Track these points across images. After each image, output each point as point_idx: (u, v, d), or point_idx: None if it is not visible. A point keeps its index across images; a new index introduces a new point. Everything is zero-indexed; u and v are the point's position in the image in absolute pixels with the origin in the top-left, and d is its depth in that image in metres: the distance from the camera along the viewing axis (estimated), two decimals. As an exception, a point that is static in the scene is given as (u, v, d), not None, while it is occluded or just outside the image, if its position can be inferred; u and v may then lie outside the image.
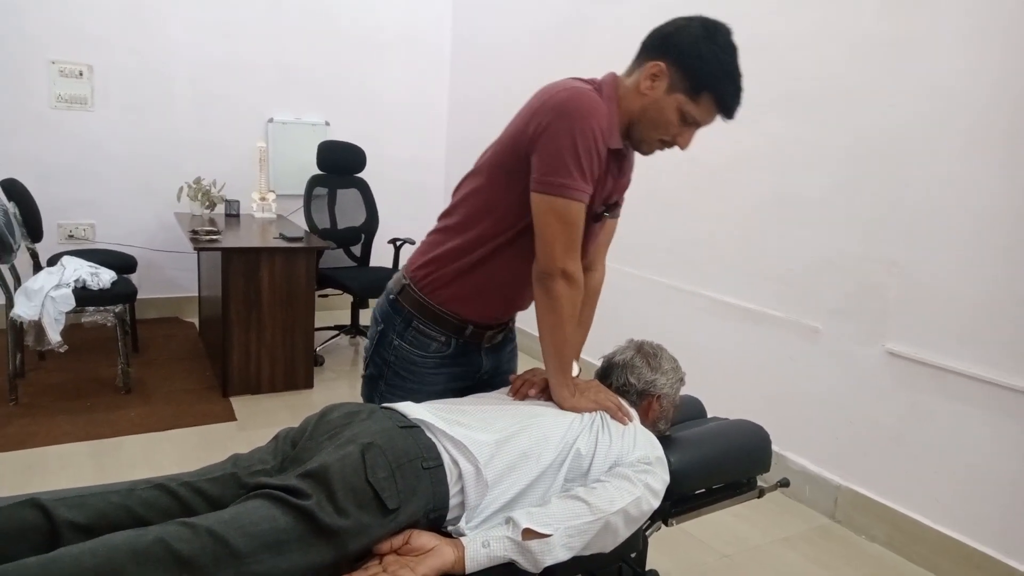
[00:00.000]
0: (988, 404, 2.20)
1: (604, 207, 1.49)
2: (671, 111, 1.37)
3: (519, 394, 1.49)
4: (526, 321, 1.55)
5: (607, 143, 1.37)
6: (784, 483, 1.78)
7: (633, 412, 1.50)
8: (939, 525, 2.34)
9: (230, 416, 3.19)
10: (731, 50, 1.34)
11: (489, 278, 1.49)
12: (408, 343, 1.55)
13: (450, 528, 1.22)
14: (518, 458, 1.26)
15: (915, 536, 2.39)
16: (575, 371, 1.52)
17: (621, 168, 1.49)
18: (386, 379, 1.58)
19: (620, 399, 1.49)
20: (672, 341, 1.69)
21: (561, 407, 1.43)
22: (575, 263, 1.39)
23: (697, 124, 1.39)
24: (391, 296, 1.59)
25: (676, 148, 1.44)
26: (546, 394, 1.48)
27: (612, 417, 1.42)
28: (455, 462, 1.21)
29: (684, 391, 1.65)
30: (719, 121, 1.40)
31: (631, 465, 1.34)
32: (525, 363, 1.70)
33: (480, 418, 1.31)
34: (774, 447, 1.75)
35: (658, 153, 1.47)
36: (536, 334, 1.45)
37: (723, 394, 2.29)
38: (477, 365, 1.62)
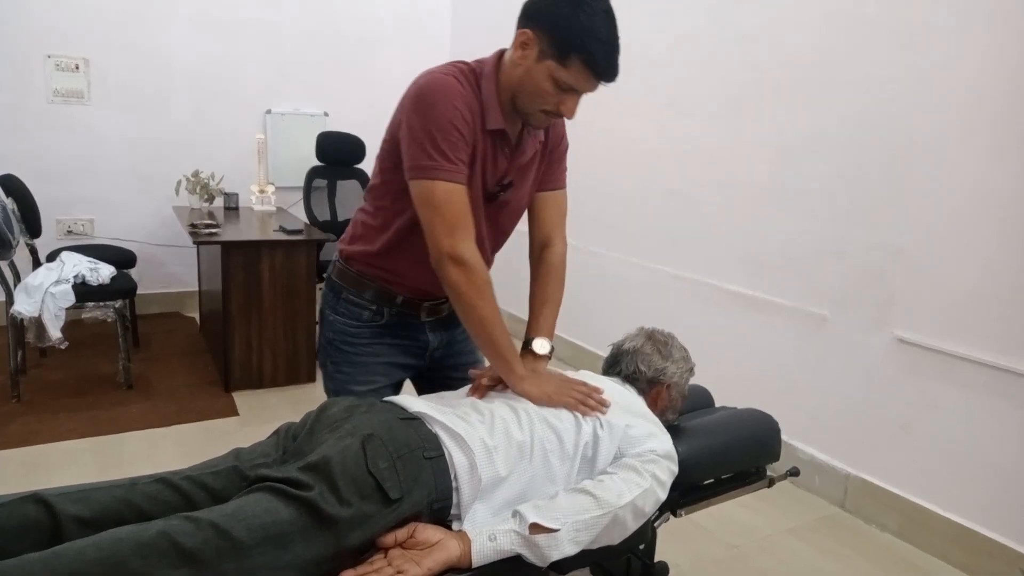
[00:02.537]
0: (998, 391, 2.18)
1: (499, 187, 1.47)
2: (544, 79, 1.32)
3: (478, 392, 1.42)
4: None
5: (477, 123, 1.35)
6: (794, 472, 1.76)
7: (629, 397, 1.47)
8: (949, 513, 2.32)
9: (232, 411, 3.18)
10: (598, 11, 1.27)
11: (402, 257, 1.49)
12: (341, 315, 1.57)
13: (454, 524, 1.20)
14: (517, 457, 1.24)
15: (925, 524, 2.38)
16: (547, 349, 1.50)
17: (517, 148, 1.46)
18: (332, 358, 1.59)
19: (593, 388, 1.41)
20: (678, 330, 1.66)
21: (514, 392, 1.38)
22: (464, 245, 1.34)
23: (575, 90, 1.33)
24: (326, 276, 1.63)
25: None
26: (503, 385, 1.42)
27: (573, 411, 1.34)
28: (452, 455, 1.20)
29: (691, 381, 1.63)
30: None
31: (639, 456, 1.32)
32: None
33: (481, 415, 1.29)
34: (783, 436, 1.73)
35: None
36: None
37: (730, 383, 2.27)
38: (424, 342, 1.60)
